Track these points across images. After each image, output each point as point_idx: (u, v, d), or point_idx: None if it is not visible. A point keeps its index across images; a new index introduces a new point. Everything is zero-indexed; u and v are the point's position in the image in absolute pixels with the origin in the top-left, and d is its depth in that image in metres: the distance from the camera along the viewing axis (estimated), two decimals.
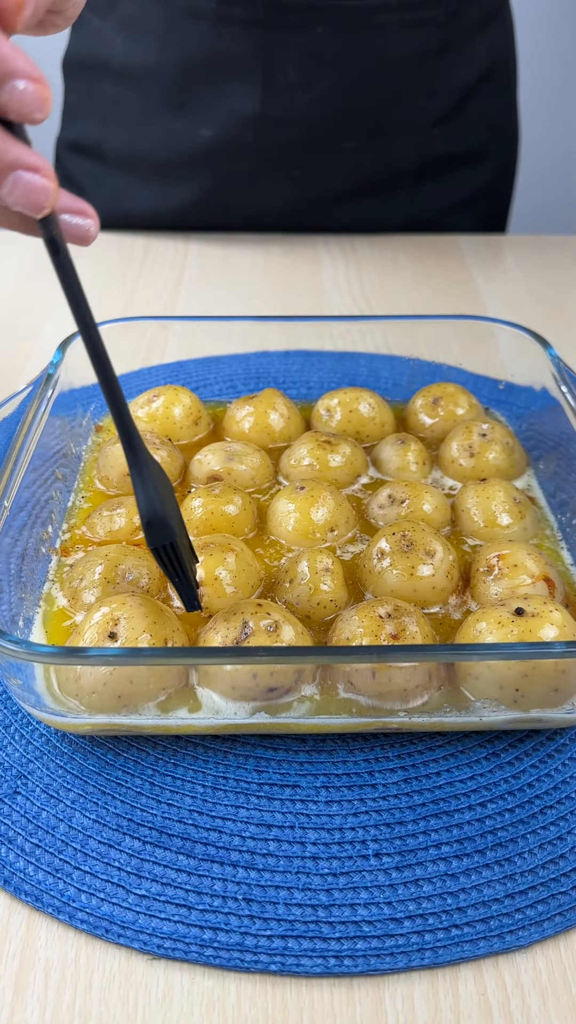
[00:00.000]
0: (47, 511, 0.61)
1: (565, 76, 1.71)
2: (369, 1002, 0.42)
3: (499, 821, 0.48)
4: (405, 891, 0.45)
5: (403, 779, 0.50)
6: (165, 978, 0.43)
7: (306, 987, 0.43)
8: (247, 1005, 0.42)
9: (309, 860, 0.47)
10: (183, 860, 0.47)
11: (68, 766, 0.51)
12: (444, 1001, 0.42)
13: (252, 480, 0.66)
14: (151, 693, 0.49)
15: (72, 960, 0.43)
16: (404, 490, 0.62)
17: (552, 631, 0.50)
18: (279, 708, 0.50)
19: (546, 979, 0.43)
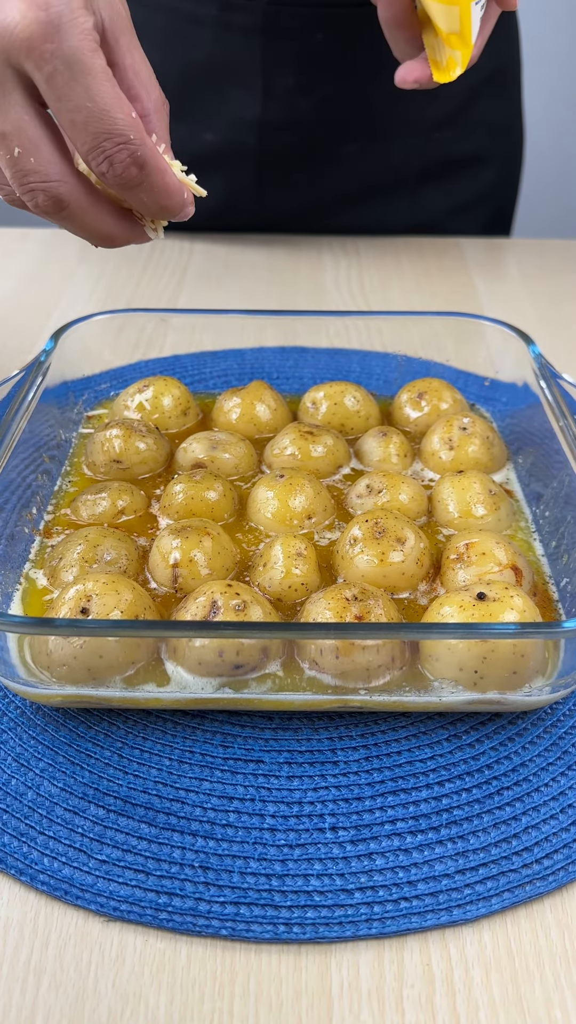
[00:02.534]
0: (32, 493, 0.63)
1: (571, 80, 1.72)
2: (315, 968, 0.43)
3: (455, 800, 0.49)
4: (358, 864, 0.46)
5: (364, 757, 0.51)
6: (119, 939, 0.44)
7: (255, 952, 0.44)
8: (196, 967, 0.43)
9: (267, 832, 0.48)
10: (145, 828, 0.48)
11: (40, 737, 0.52)
12: (389, 970, 0.43)
13: (235, 468, 0.67)
14: (120, 667, 0.51)
15: (31, 920, 0.45)
16: (382, 480, 0.63)
17: (512, 616, 0.51)
18: (244, 684, 0.51)
19: (490, 952, 0.44)
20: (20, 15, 0.43)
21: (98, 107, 0.44)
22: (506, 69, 1.05)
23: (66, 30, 0.43)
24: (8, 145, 0.46)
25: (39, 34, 0.43)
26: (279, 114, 0.96)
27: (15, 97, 0.45)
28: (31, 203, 0.48)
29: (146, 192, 0.48)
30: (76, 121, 0.45)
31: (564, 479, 0.60)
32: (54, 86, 0.44)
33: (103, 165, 0.46)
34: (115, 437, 0.67)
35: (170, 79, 0.98)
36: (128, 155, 0.46)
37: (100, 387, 0.77)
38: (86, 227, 0.49)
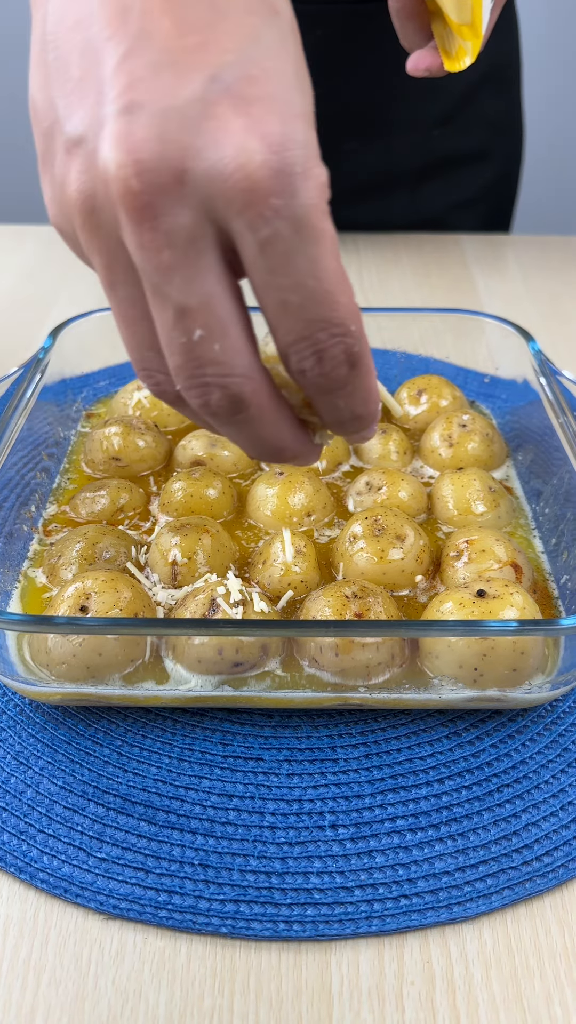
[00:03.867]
0: (31, 491, 0.63)
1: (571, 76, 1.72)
2: (315, 966, 0.43)
3: (455, 797, 0.49)
4: (358, 861, 0.46)
5: (364, 755, 0.51)
6: (119, 937, 0.44)
7: (255, 950, 0.44)
8: (196, 965, 0.43)
9: (267, 829, 0.48)
10: (144, 826, 0.48)
11: (39, 735, 0.52)
12: (389, 967, 0.43)
13: (234, 466, 0.67)
14: (119, 665, 0.51)
15: (31, 918, 0.45)
16: (382, 477, 0.63)
17: (512, 613, 0.50)
18: (244, 682, 0.51)
19: (490, 950, 0.44)
20: (244, 153, 0.31)
21: (321, 288, 0.33)
22: (506, 66, 1.05)
23: (300, 184, 0.31)
24: (188, 325, 0.33)
25: (266, 185, 0.31)
26: None
27: (209, 261, 0.32)
28: (198, 400, 0.35)
29: (345, 397, 0.36)
30: (289, 303, 0.33)
31: (564, 476, 0.60)
32: (270, 255, 0.32)
33: (308, 361, 0.34)
34: (114, 435, 0.67)
35: None
36: (343, 351, 0.34)
37: (99, 384, 0.77)
38: (259, 436, 0.37)
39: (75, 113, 0.33)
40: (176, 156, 0.31)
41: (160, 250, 0.32)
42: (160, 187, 0.31)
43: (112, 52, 0.32)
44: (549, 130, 1.60)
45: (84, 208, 0.33)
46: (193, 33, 0.32)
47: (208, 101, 0.31)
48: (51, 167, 0.35)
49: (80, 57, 0.33)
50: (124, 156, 0.31)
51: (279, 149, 0.31)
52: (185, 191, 0.31)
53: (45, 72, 0.35)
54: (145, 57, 0.32)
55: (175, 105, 0.31)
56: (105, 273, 0.35)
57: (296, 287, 0.33)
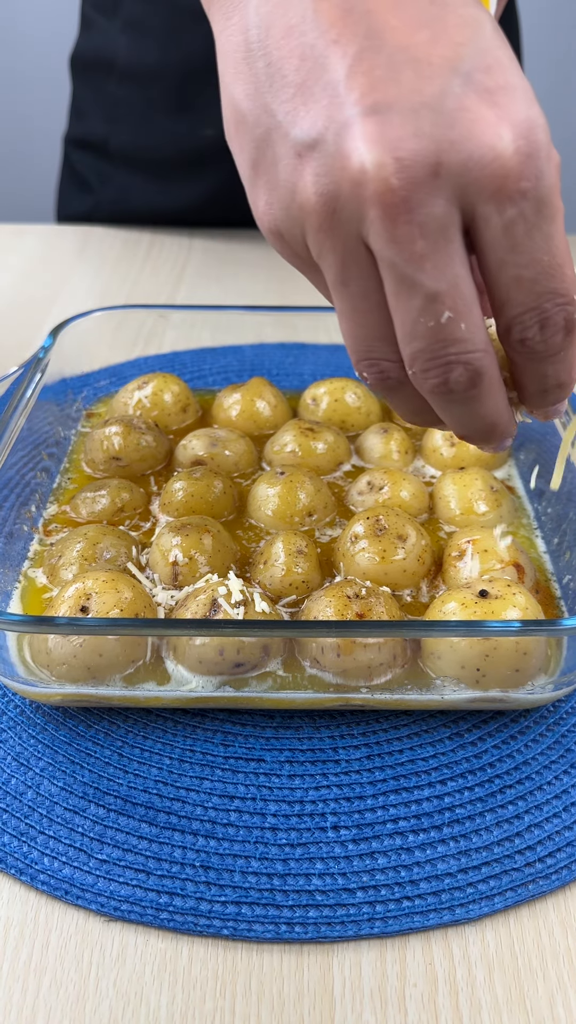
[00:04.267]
0: (31, 491, 0.63)
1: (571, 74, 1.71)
2: (317, 968, 0.43)
3: (458, 799, 0.49)
4: (360, 863, 0.46)
5: (366, 755, 0.51)
6: (120, 939, 0.44)
7: (256, 952, 0.44)
8: (198, 967, 0.43)
9: (268, 831, 0.48)
10: (145, 828, 0.48)
11: (40, 736, 0.52)
12: (391, 969, 0.43)
13: (235, 466, 0.67)
14: (120, 666, 0.51)
15: (31, 919, 0.45)
16: (383, 477, 0.63)
17: (515, 613, 0.50)
18: (245, 683, 0.51)
19: (493, 951, 0.43)
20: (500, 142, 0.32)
21: (555, 261, 0.34)
22: None
23: (544, 164, 0.33)
24: (438, 309, 0.34)
25: (518, 168, 0.32)
26: None
27: (456, 246, 0.34)
28: (437, 379, 0.36)
29: (555, 364, 0.37)
30: (523, 277, 0.34)
31: (566, 475, 0.59)
32: (512, 234, 0.33)
33: (532, 330, 0.35)
34: (114, 434, 0.66)
35: (170, 74, 0.98)
36: (564, 318, 0.36)
37: (99, 384, 0.77)
38: (486, 411, 0.38)
39: (302, 118, 0.34)
40: (432, 151, 0.32)
41: (414, 241, 0.33)
42: (418, 182, 0.32)
43: (341, 55, 0.33)
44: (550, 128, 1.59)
45: (325, 209, 0.34)
46: (422, 28, 0.33)
47: (455, 95, 0.32)
48: (270, 172, 0.36)
49: (300, 62, 0.34)
50: (384, 155, 0.32)
51: (528, 134, 0.33)
52: (439, 183, 0.32)
53: (254, 80, 0.36)
54: (381, 56, 0.33)
55: (424, 102, 0.32)
56: (339, 270, 0.35)
57: (532, 263, 0.34)
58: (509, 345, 0.37)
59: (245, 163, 0.38)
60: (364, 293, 0.36)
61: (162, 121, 1.01)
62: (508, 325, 0.36)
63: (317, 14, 0.34)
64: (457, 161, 0.32)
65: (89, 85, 1.04)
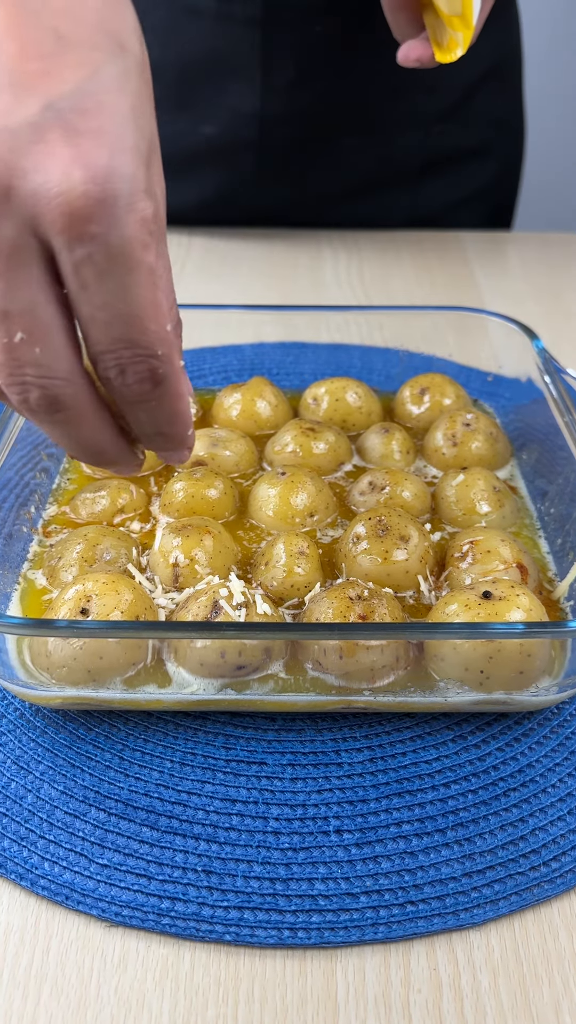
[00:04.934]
0: (31, 492, 0.62)
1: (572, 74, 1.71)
2: (321, 973, 0.42)
3: (461, 802, 0.49)
4: (363, 867, 0.46)
5: (369, 759, 0.51)
6: (121, 945, 0.43)
7: (259, 957, 0.43)
8: (200, 973, 0.43)
9: (271, 835, 0.47)
10: (146, 832, 0.47)
11: (40, 739, 0.52)
12: (395, 975, 0.42)
13: (236, 466, 0.66)
14: (121, 669, 0.50)
15: (32, 925, 0.44)
16: (385, 477, 0.62)
17: (519, 614, 0.50)
18: (247, 685, 0.50)
19: (498, 956, 0.43)
20: (67, 181, 0.33)
21: (130, 312, 0.35)
22: (507, 61, 1.04)
23: (121, 216, 0.34)
24: (9, 328, 0.35)
25: (85, 212, 0.33)
26: (278, 107, 0.95)
27: (32, 272, 0.35)
28: (17, 396, 0.37)
29: (148, 412, 0.39)
30: (96, 318, 0.36)
31: (570, 476, 0.59)
32: (82, 275, 0.35)
33: (112, 371, 0.37)
34: None
35: (169, 72, 0.98)
36: (147, 369, 0.37)
37: None
38: (77, 437, 0.39)
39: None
40: (4, 173, 0.33)
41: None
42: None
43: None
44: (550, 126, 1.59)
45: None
46: (36, 60, 0.34)
47: (40, 127, 0.33)
48: None
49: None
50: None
51: (103, 181, 0.33)
52: (9, 207, 0.33)
53: None
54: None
55: (8, 125, 0.33)
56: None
57: (104, 306, 0.35)
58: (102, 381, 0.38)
59: None
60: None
61: (160, 120, 0.99)
62: (93, 360, 0.37)
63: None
64: (26, 190, 0.33)
65: None
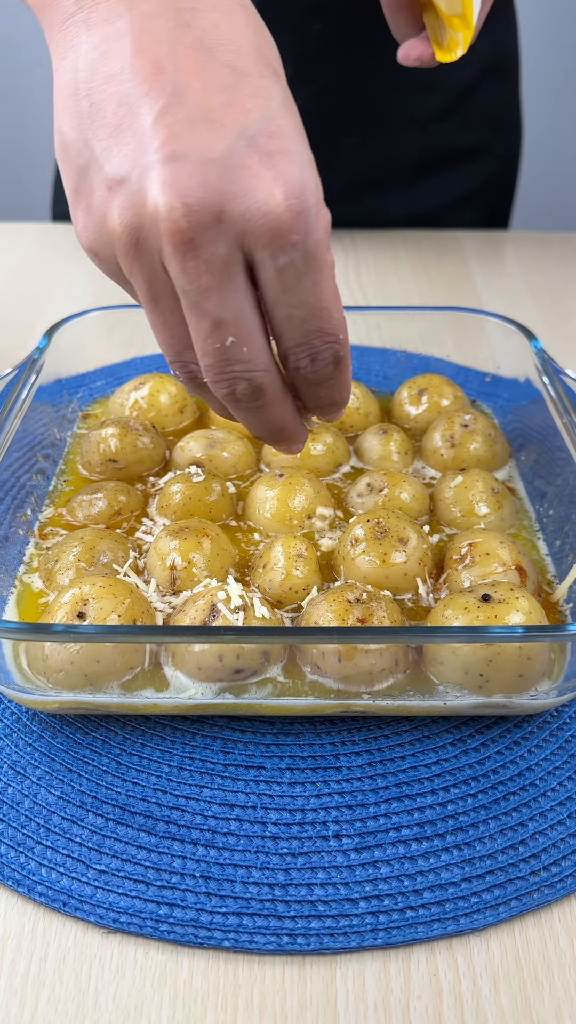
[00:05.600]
0: (27, 494, 0.62)
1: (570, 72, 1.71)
2: (320, 980, 0.42)
3: (461, 806, 0.48)
4: (363, 872, 0.46)
5: (368, 763, 0.50)
6: (119, 952, 0.43)
7: (258, 964, 0.43)
8: (199, 980, 0.42)
9: (269, 840, 0.47)
10: (144, 837, 0.47)
11: (36, 744, 0.51)
12: (395, 981, 0.42)
13: (234, 468, 0.66)
14: (118, 673, 0.50)
15: (29, 932, 0.44)
16: (383, 479, 0.62)
17: (518, 617, 0.50)
18: (245, 689, 0.50)
19: (499, 962, 0.43)
20: (271, 199, 0.38)
21: (320, 305, 0.41)
22: (504, 61, 1.04)
23: (312, 224, 0.39)
24: (223, 334, 0.40)
25: (288, 225, 0.38)
26: None
27: (239, 283, 0.40)
28: (225, 389, 0.43)
29: (327, 388, 0.45)
30: (294, 316, 0.41)
31: (568, 477, 0.59)
32: (283, 279, 0.40)
33: (304, 360, 0.43)
34: (111, 436, 0.66)
35: None
36: (332, 354, 0.43)
37: (95, 384, 0.76)
38: (271, 418, 0.45)
39: (114, 156, 0.39)
40: (216, 200, 0.38)
41: (200, 275, 0.39)
42: (203, 225, 0.38)
43: (150, 106, 0.38)
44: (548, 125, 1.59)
45: (129, 239, 0.39)
46: (220, 93, 0.39)
47: (240, 154, 0.38)
48: (87, 199, 0.41)
49: (116, 107, 0.39)
50: (174, 200, 0.37)
51: (299, 195, 0.38)
52: (222, 228, 0.38)
53: (78, 116, 0.41)
54: (182, 113, 0.38)
55: (213, 157, 0.38)
56: (147, 290, 0.41)
57: (301, 304, 0.41)
58: (289, 372, 0.44)
59: (69, 188, 0.43)
60: (171, 310, 0.41)
61: None
62: (284, 355, 0.43)
63: (133, 68, 0.39)
64: (237, 211, 0.38)
65: None
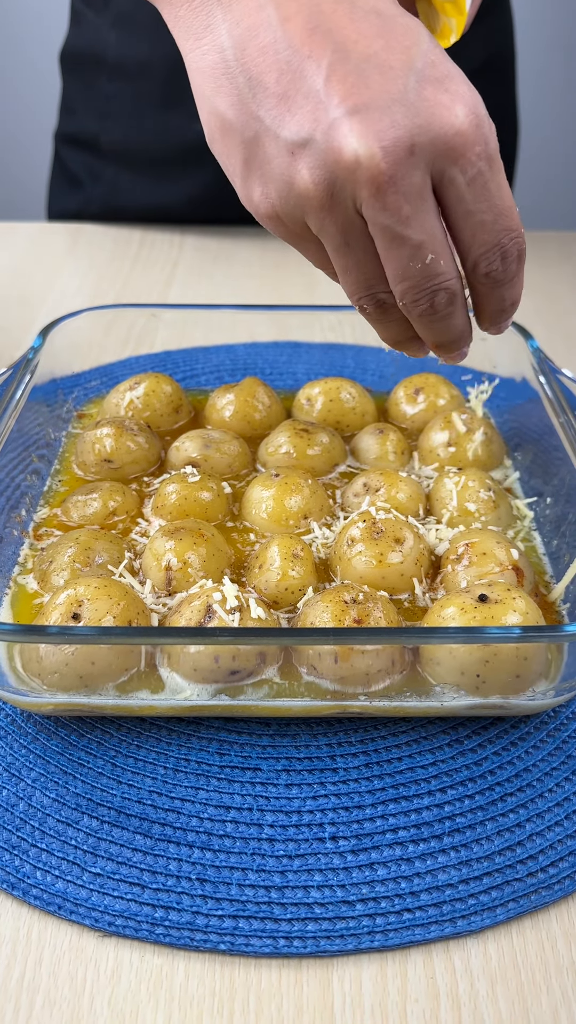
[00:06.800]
0: (21, 494, 0.62)
1: (566, 70, 1.70)
2: (317, 983, 0.42)
3: (458, 807, 0.48)
4: (359, 874, 0.45)
5: (364, 764, 0.50)
6: (115, 955, 0.43)
7: (255, 967, 0.43)
8: (195, 984, 0.42)
9: (265, 842, 0.47)
10: (140, 840, 0.47)
11: (31, 746, 0.51)
12: (392, 984, 0.42)
13: (229, 468, 0.66)
14: (113, 674, 0.50)
15: (24, 936, 0.44)
16: (379, 478, 0.62)
17: (515, 618, 0.49)
18: (241, 690, 0.50)
19: (496, 964, 0.43)
20: (456, 119, 0.40)
21: (506, 203, 0.43)
22: (500, 58, 1.03)
23: (487, 133, 0.41)
24: (423, 254, 0.43)
25: (474, 136, 0.41)
26: None
27: (430, 204, 0.42)
28: (426, 304, 0.45)
29: (510, 287, 0.46)
30: (486, 221, 0.43)
31: (565, 476, 0.59)
32: (475, 187, 0.42)
33: (495, 263, 0.44)
34: (106, 436, 0.65)
35: (160, 69, 0.97)
36: (518, 249, 0.45)
37: (90, 384, 0.76)
38: (458, 324, 0.47)
39: (289, 122, 0.42)
40: (407, 136, 0.40)
41: (402, 207, 0.41)
42: (400, 161, 0.40)
43: (316, 67, 0.41)
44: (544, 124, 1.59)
45: (324, 195, 0.42)
46: (377, 39, 0.41)
47: (415, 89, 0.41)
48: (262, 168, 0.44)
49: (279, 76, 0.42)
50: (373, 146, 0.40)
51: (475, 110, 0.41)
52: (415, 159, 0.41)
53: (236, 92, 0.43)
54: (350, 65, 0.41)
55: (394, 98, 0.40)
56: (341, 238, 0.44)
57: (490, 208, 0.43)
58: (476, 279, 0.46)
59: (237, 162, 0.45)
60: (364, 248, 0.44)
61: (153, 116, 0.99)
62: (475, 262, 0.45)
63: (287, 34, 0.41)
64: (427, 140, 0.40)
65: (79, 81, 1.03)
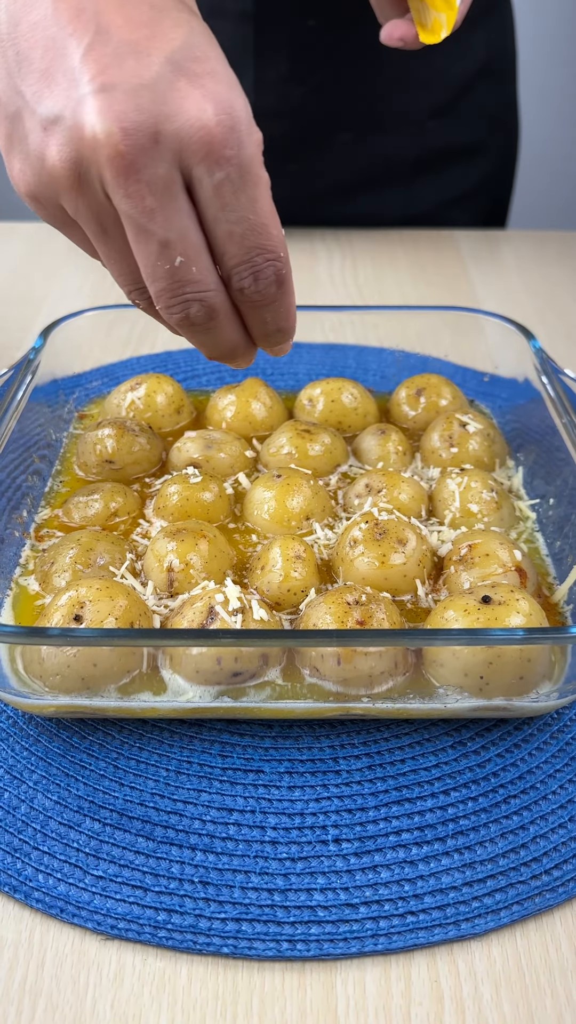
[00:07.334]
0: (23, 495, 0.61)
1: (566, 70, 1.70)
2: (320, 986, 0.42)
3: (461, 809, 0.48)
4: (363, 877, 0.45)
5: (367, 766, 0.50)
6: (117, 958, 0.43)
7: (258, 970, 0.42)
8: (198, 987, 0.42)
9: (268, 844, 0.46)
10: (142, 842, 0.47)
11: (33, 748, 0.51)
12: (396, 987, 0.42)
13: (231, 468, 0.66)
14: (115, 676, 0.49)
15: (26, 939, 0.43)
16: (381, 479, 0.62)
17: (519, 619, 0.49)
18: (243, 692, 0.50)
19: (500, 967, 0.42)
20: (203, 115, 0.39)
21: (259, 220, 0.42)
22: (501, 59, 1.03)
23: (245, 138, 0.40)
24: (170, 254, 0.41)
25: (221, 137, 0.39)
26: (271, 102, 0.94)
27: (180, 203, 0.40)
28: (179, 314, 0.43)
29: (272, 312, 0.45)
30: (234, 233, 0.42)
31: (568, 477, 0.58)
32: (221, 194, 0.40)
33: (247, 280, 0.43)
34: (107, 437, 0.65)
35: None
36: (274, 272, 0.43)
37: (91, 385, 0.75)
38: (222, 339, 0.46)
39: (46, 98, 0.40)
40: (151, 122, 0.39)
41: (144, 197, 0.40)
42: (141, 147, 0.39)
43: (76, 45, 0.40)
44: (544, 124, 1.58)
45: (71, 174, 0.40)
46: (142, 27, 0.40)
47: (168, 78, 0.39)
48: (21, 144, 0.42)
49: (43, 52, 0.40)
50: (112, 125, 0.38)
51: (229, 110, 0.39)
52: (159, 148, 0.39)
53: (5, 65, 0.42)
54: (108, 47, 0.39)
55: (143, 83, 0.39)
56: (96, 224, 0.42)
57: (240, 220, 0.41)
58: (233, 294, 0.44)
59: (1, 138, 0.43)
60: (122, 238, 0.42)
61: None
62: (228, 276, 0.43)
63: (56, 12, 0.40)
64: (171, 130, 0.39)
65: None
